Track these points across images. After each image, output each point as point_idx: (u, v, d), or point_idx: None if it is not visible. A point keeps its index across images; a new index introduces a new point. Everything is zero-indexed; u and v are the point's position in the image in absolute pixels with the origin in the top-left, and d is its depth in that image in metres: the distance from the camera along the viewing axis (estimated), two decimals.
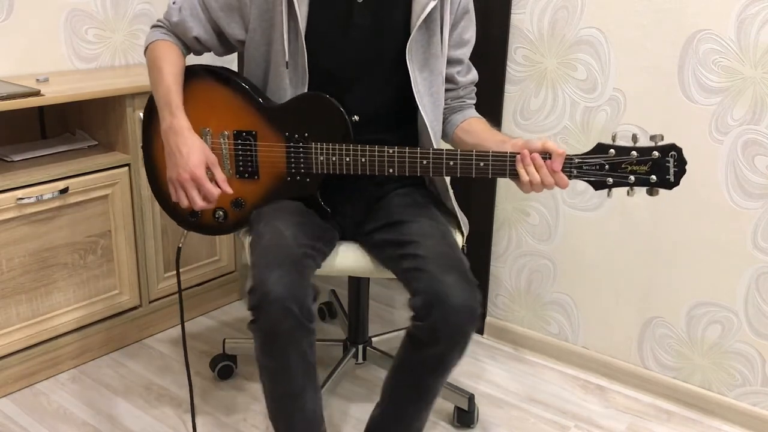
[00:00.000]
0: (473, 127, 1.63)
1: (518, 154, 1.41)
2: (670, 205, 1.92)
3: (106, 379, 2.06)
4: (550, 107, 2.06)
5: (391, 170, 1.49)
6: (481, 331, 2.36)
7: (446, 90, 1.64)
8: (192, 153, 1.47)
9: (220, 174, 1.51)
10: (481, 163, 1.44)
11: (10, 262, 1.90)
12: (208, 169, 1.50)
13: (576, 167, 1.41)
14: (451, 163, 1.45)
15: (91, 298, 2.10)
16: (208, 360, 2.13)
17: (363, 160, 1.50)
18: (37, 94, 1.84)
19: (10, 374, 1.97)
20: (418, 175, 1.50)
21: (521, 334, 2.28)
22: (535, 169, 1.40)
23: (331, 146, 1.52)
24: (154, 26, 1.66)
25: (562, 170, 1.40)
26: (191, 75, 1.59)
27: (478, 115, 1.68)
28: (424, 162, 1.47)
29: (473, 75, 1.70)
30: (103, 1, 2.31)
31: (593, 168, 1.40)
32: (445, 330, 1.41)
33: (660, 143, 1.37)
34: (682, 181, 1.87)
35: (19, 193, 1.86)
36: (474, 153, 1.44)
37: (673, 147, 1.38)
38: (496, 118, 2.13)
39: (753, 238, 1.83)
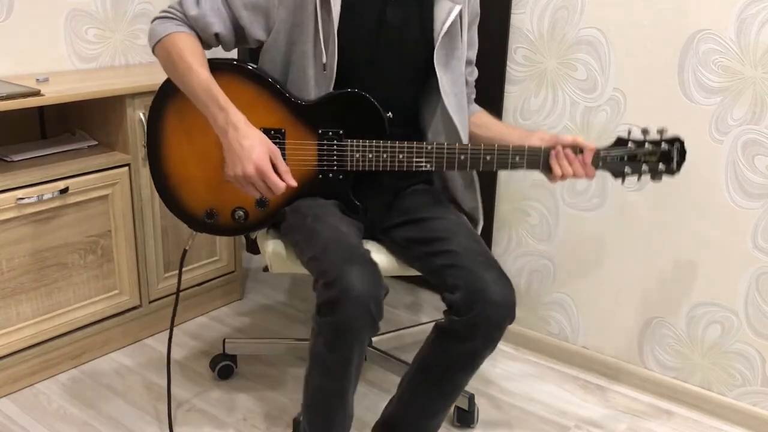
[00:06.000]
0: (483, 121, 1.71)
1: (552, 149, 1.52)
2: (670, 205, 1.92)
3: (106, 379, 2.06)
4: (550, 107, 2.06)
5: (428, 165, 1.53)
6: None
7: None
8: (254, 146, 1.42)
9: (282, 165, 1.45)
10: (517, 158, 1.53)
11: (10, 262, 1.90)
12: (271, 161, 1.44)
13: (602, 159, 1.55)
14: (488, 158, 1.53)
15: (91, 298, 2.10)
16: (208, 360, 2.13)
17: (401, 156, 1.53)
18: (37, 94, 1.84)
19: (10, 374, 1.97)
20: (455, 170, 1.56)
21: (521, 334, 2.28)
22: (568, 162, 1.51)
23: (368, 143, 1.53)
24: (161, 17, 1.55)
25: (591, 163, 1.54)
26: (214, 70, 1.51)
27: (481, 108, 1.76)
28: (462, 157, 1.53)
29: (476, 72, 1.76)
30: (103, 1, 2.31)
31: (615, 159, 1.55)
32: (484, 325, 1.43)
33: (665, 137, 1.55)
34: (682, 177, 1.88)
35: (19, 193, 1.86)
36: (511, 148, 1.53)
37: (677, 139, 1.55)
38: (496, 118, 2.13)
39: (753, 238, 1.83)
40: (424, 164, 1.53)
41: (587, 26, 1.94)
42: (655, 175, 1.56)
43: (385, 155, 1.53)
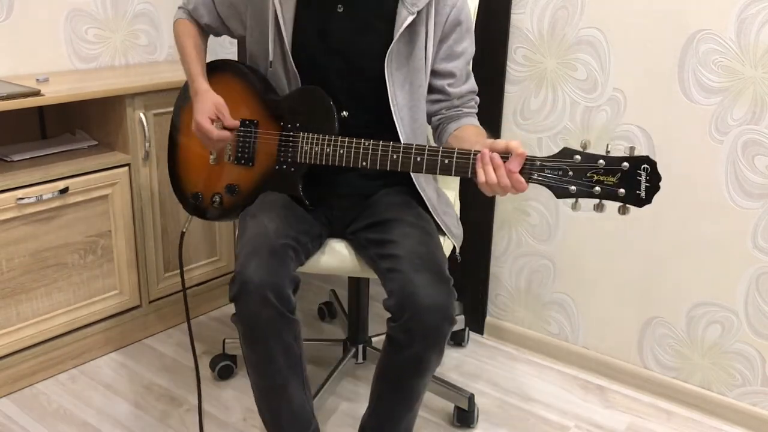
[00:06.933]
0: (463, 133, 1.58)
1: (480, 152, 1.34)
2: (670, 205, 1.92)
3: (106, 379, 2.06)
4: (550, 107, 2.06)
5: (364, 163, 1.50)
6: (481, 331, 2.36)
7: (438, 101, 1.66)
8: (199, 106, 1.60)
9: (226, 120, 1.60)
10: (446, 161, 1.39)
11: (10, 262, 1.90)
12: (218, 119, 1.60)
13: (537, 170, 1.31)
14: (419, 158, 1.43)
15: (91, 298, 2.10)
16: (208, 360, 2.13)
17: (341, 151, 1.52)
18: (37, 94, 1.84)
19: (10, 374, 1.97)
20: (388, 169, 1.47)
21: (521, 334, 2.28)
22: (493, 169, 1.33)
23: (314, 137, 1.56)
24: (179, 8, 1.80)
25: (522, 173, 1.31)
26: (212, 69, 1.71)
27: (476, 124, 1.65)
28: (394, 156, 1.46)
29: (469, 85, 1.68)
30: (103, 1, 2.31)
31: (555, 173, 1.30)
32: (418, 330, 1.41)
33: (633, 154, 1.26)
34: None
35: (19, 193, 1.86)
36: (440, 150, 1.40)
37: (646, 160, 1.25)
38: (496, 118, 2.13)
39: (753, 238, 1.83)
40: (360, 162, 1.50)
41: (587, 26, 1.94)
42: (617, 201, 1.27)
43: (328, 149, 1.54)
